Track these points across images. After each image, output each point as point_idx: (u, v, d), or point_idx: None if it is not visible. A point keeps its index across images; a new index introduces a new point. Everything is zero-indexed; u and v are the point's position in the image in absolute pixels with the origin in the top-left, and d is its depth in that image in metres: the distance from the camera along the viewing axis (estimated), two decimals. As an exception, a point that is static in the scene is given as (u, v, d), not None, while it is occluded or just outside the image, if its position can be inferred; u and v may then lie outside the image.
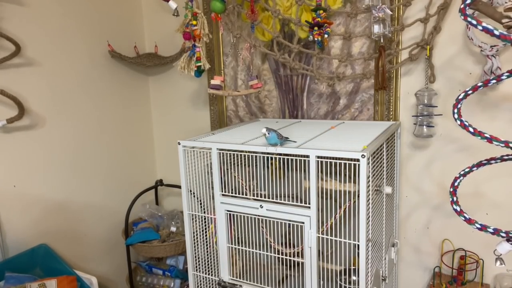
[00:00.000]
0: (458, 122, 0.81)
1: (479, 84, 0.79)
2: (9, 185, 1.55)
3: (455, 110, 0.81)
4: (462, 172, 0.88)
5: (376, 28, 1.40)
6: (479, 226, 0.83)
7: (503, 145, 0.77)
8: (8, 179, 1.55)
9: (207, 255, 1.40)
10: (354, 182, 1.05)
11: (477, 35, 1.33)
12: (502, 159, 0.87)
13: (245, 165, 1.37)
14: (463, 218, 0.85)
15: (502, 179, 1.43)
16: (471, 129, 0.79)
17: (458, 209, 0.86)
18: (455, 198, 0.87)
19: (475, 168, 0.88)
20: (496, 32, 0.70)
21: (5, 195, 1.54)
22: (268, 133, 1.10)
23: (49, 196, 1.70)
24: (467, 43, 1.40)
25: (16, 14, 1.55)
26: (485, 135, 0.78)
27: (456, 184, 0.88)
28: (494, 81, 0.78)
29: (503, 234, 0.81)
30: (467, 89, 0.80)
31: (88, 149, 1.87)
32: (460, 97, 0.80)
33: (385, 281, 1.32)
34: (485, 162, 0.88)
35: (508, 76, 0.77)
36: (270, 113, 1.84)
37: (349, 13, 1.50)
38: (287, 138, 1.19)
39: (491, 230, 0.82)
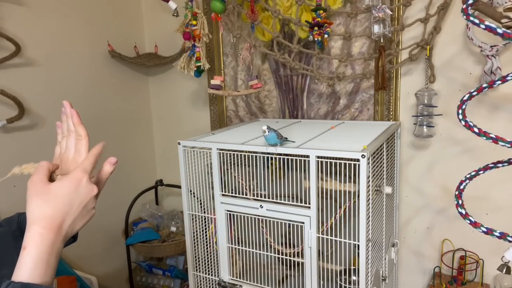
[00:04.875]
0: (463, 122, 0.80)
1: (484, 85, 0.78)
2: (9, 185, 1.55)
3: (460, 111, 0.80)
4: (468, 176, 0.87)
5: (376, 28, 1.40)
6: (485, 230, 0.82)
7: (509, 145, 0.76)
8: (8, 179, 1.55)
9: (207, 255, 1.40)
10: (354, 182, 1.05)
11: (477, 35, 1.33)
12: (509, 162, 0.86)
13: (245, 165, 1.37)
14: (469, 222, 0.84)
15: (504, 182, 1.43)
16: (476, 130, 0.79)
17: (464, 212, 0.85)
18: (460, 201, 0.86)
19: (481, 172, 0.87)
20: (499, 30, 0.70)
21: (5, 195, 1.54)
22: (268, 132, 1.10)
23: (49, 196, 1.70)
24: (467, 43, 1.40)
25: (16, 14, 1.55)
26: (491, 135, 0.77)
27: (461, 187, 0.87)
28: (499, 82, 0.78)
29: (511, 239, 0.80)
30: (472, 90, 0.79)
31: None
32: (465, 98, 0.79)
33: (385, 281, 1.32)
34: (492, 165, 0.87)
35: (513, 77, 0.76)
36: (270, 113, 1.84)
37: (349, 13, 1.50)
38: (286, 138, 1.19)
39: (498, 234, 0.80)
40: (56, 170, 0.63)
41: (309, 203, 1.11)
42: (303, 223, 1.14)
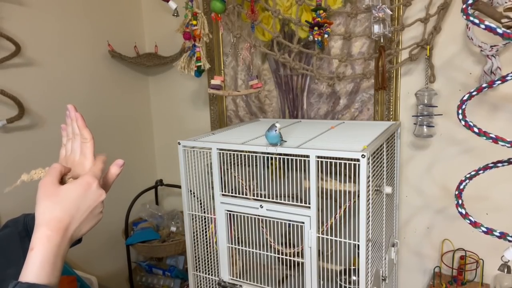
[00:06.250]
0: (463, 122, 0.80)
1: (484, 85, 0.78)
2: (10, 184, 1.54)
3: (460, 111, 0.80)
4: (468, 175, 0.87)
5: (376, 28, 1.40)
6: (485, 230, 0.82)
7: (509, 145, 0.76)
8: (8, 179, 1.55)
9: (207, 255, 1.40)
10: (354, 182, 1.05)
11: (477, 35, 1.33)
12: (509, 162, 0.86)
13: (245, 165, 1.37)
14: (469, 221, 0.84)
15: (504, 181, 1.43)
16: (475, 130, 0.78)
17: (464, 212, 0.85)
18: (460, 201, 0.86)
19: (481, 171, 0.86)
20: (499, 30, 0.70)
21: (5, 195, 1.54)
22: (277, 131, 1.10)
23: (49, 196, 1.70)
24: (467, 43, 1.40)
25: (16, 14, 1.55)
26: (491, 135, 0.77)
27: (461, 187, 0.87)
28: (499, 82, 0.78)
29: (510, 238, 0.80)
30: (472, 90, 0.79)
31: (88, 149, 1.87)
32: (465, 98, 0.79)
33: (385, 281, 1.32)
34: (492, 165, 0.87)
35: (513, 77, 0.76)
36: (270, 113, 1.84)
37: (349, 13, 1.50)
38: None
39: (498, 234, 0.80)
40: (68, 173, 0.64)
41: (309, 203, 1.11)
42: (303, 223, 1.14)
